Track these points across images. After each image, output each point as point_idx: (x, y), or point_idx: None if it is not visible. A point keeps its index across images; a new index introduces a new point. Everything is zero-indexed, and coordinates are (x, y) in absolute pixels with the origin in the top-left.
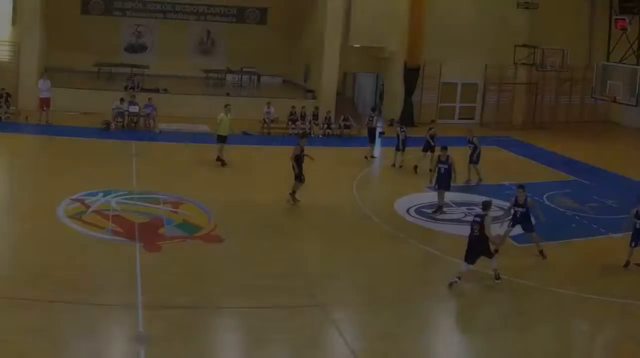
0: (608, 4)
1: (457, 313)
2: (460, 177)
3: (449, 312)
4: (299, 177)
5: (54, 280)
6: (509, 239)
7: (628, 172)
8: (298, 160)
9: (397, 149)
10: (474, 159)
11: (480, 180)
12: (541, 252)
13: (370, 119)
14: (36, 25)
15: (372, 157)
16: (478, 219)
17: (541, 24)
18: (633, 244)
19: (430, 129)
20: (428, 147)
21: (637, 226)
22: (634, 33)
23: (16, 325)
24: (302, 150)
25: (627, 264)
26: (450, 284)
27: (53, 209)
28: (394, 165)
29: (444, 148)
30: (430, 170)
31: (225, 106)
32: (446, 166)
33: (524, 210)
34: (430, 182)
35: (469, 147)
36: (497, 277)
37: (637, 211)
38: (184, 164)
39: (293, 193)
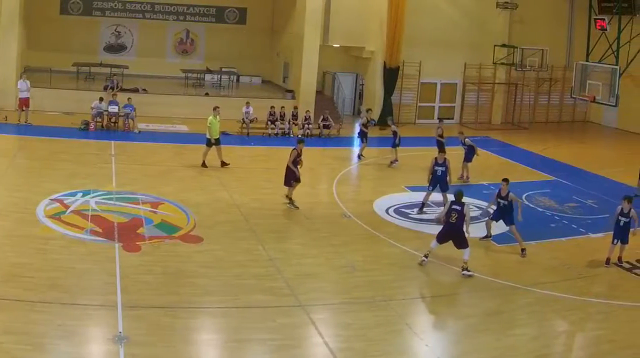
0: (587, 4)
1: (436, 313)
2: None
3: (428, 312)
4: (295, 180)
5: (33, 280)
6: (488, 239)
7: (607, 172)
8: (296, 164)
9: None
10: (468, 157)
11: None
12: (522, 250)
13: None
14: (15, 25)
15: (361, 156)
16: (458, 208)
17: (521, 24)
18: (615, 241)
19: (438, 127)
20: (441, 147)
21: (621, 224)
22: (613, 33)
23: None
24: (299, 155)
25: (607, 261)
26: (420, 263)
27: (32, 209)
28: (392, 162)
29: (442, 150)
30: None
31: (215, 109)
32: (443, 168)
33: (507, 202)
34: (428, 181)
35: (464, 148)
36: (466, 270)
37: (621, 209)
38: (163, 164)
39: (291, 199)
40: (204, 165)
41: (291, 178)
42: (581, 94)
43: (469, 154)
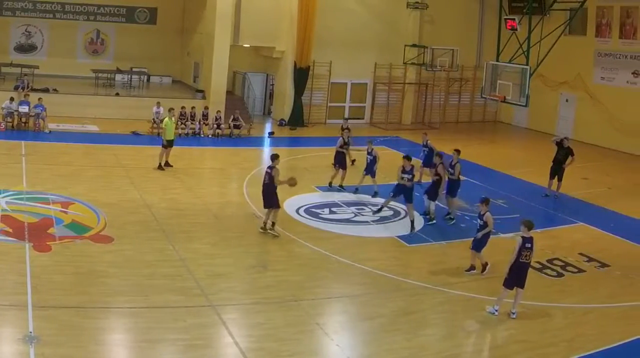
0: (498, 4)
1: (347, 313)
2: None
3: (339, 312)
4: (277, 204)
5: None
6: (398, 239)
7: (517, 172)
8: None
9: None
10: (428, 162)
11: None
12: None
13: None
14: None
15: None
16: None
17: (431, 24)
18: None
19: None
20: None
21: (478, 227)
22: (523, 33)
23: None
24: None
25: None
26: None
27: None
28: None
29: (408, 157)
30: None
31: (169, 110)
32: (409, 176)
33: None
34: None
35: (424, 151)
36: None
37: (479, 212)
38: (73, 164)
39: (273, 224)
40: (160, 167)
41: (275, 200)
42: (491, 94)
43: (430, 157)
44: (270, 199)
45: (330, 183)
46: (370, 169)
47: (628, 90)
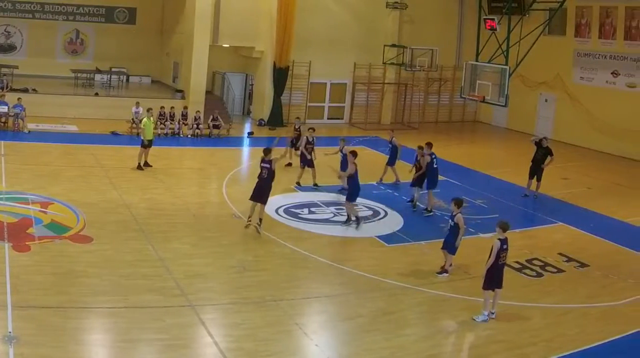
0: (477, 4)
1: (326, 313)
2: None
3: (318, 312)
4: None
5: None
6: (377, 239)
7: (497, 172)
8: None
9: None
10: (392, 160)
11: (398, 180)
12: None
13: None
14: None
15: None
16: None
17: (410, 24)
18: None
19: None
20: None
21: (449, 226)
22: (502, 33)
23: None
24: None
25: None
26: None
27: None
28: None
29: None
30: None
31: (148, 110)
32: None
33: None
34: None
35: (389, 148)
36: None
37: (451, 212)
38: (53, 164)
39: (261, 220)
40: (139, 167)
41: (268, 195)
42: (471, 94)
43: (393, 155)
44: (265, 194)
45: (298, 183)
46: (344, 168)
47: (607, 90)
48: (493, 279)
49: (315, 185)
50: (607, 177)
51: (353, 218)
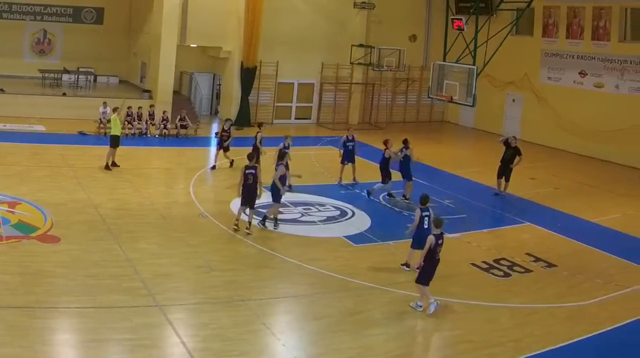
0: (444, 4)
1: (294, 313)
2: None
3: (285, 312)
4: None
5: None
6: (345, 239)
7: (464, 172)
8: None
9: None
10: (353, 159)
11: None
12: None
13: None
14: None
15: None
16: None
17: (378, 24)
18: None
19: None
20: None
21: (425, 225)
22: (470, 33)
23: None
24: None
25: (407, 265)
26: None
27: None
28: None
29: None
30: None
31: (114, 109)
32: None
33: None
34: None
35: (349, 146)
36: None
37: (421, 213)
38: (20, 164)
39: (276, 219)
40: (107, 167)
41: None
42: (438, 94)
43: (352, 153)
44: (253, 199)
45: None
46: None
47: (574, 90)
48: (431, 274)
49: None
50: (575, 177)
51: (271, 218)
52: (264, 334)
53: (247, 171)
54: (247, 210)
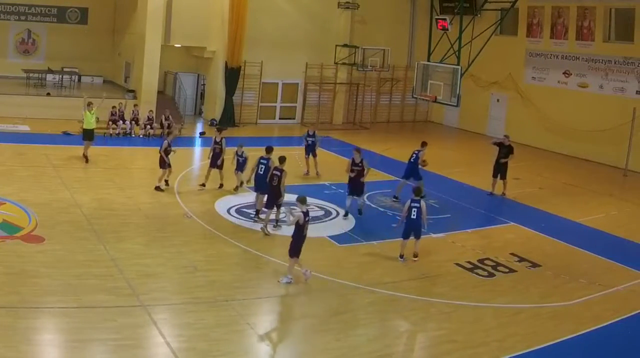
0: (429, 4)
1: (278, 313)
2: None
3: (270, 312)
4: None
5: None
6: (329, 239)
7: (448, 172)
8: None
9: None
10: (314, 153)
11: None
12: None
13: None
14: None
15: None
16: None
17: (362, 24)
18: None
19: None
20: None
21: (412, 216)
22: (454, 33)
23: None
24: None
25: (401, 256)
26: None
27: None
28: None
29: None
30: None
31: (88, 104)
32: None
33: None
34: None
35: (309, 141)
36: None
37: (410, 204)
38: (4, 164)
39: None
40: (87, 160)
41: (277, 197)
42: (423, 94)
43: (314, 147)
44: (279, 200)
45: (203, 185)
46: (241, 168)
47: (559, 90)
48: (300, 247)
49: (222, 185)
50: (559, 177)
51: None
52: (249, 334)
53: (273, 172)
54: (274, 209)
